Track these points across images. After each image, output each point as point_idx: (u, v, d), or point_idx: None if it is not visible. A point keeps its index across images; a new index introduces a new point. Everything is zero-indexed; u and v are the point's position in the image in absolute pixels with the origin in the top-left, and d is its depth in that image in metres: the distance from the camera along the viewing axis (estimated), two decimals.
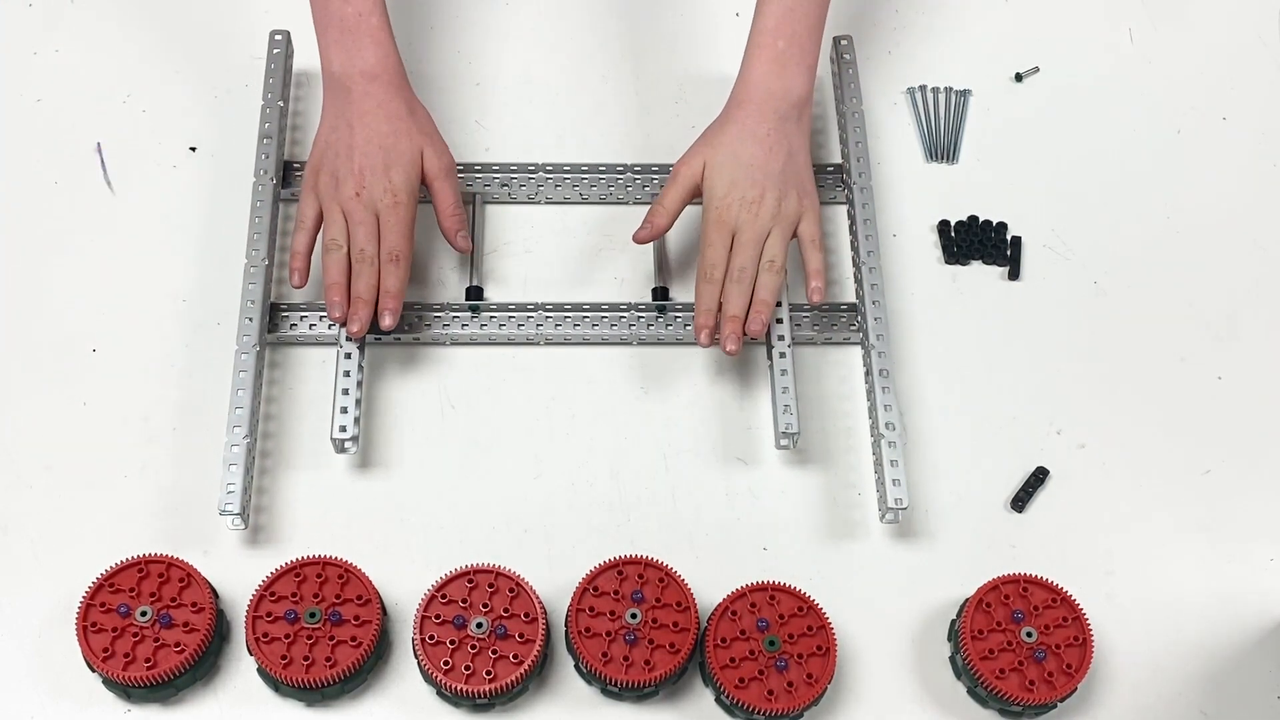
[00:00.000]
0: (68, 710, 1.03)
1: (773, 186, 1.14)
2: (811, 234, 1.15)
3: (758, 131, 1.14)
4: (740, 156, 1.14)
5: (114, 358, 1.16)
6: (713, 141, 1.16)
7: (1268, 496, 1.15)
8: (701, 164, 1.15)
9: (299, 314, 1.17)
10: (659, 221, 1.16)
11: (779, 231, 1.14)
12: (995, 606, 1.05)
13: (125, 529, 1.09)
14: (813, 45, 1.16)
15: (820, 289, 1.14)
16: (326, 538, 1.10)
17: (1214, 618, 1.10)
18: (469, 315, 1.18)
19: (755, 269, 1.13)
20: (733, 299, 1.12)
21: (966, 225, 1.25)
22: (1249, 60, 1.36)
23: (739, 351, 1.12)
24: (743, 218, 1.13)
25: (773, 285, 1.13)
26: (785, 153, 1.15)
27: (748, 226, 1.13)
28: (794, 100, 1.16)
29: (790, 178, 1.15)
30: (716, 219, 1.14)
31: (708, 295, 1.13)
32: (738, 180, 1.14)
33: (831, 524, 1.12)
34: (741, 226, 1.13)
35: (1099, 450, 1.16)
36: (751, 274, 1.13)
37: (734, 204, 1.13)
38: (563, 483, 1.13)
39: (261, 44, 1.27)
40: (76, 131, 1.26)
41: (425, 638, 1.02)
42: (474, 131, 1.29)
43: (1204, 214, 1.27)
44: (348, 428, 1.09)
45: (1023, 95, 1.33)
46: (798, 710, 1.02)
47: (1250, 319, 1.23)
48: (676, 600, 1.04)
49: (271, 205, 1.18)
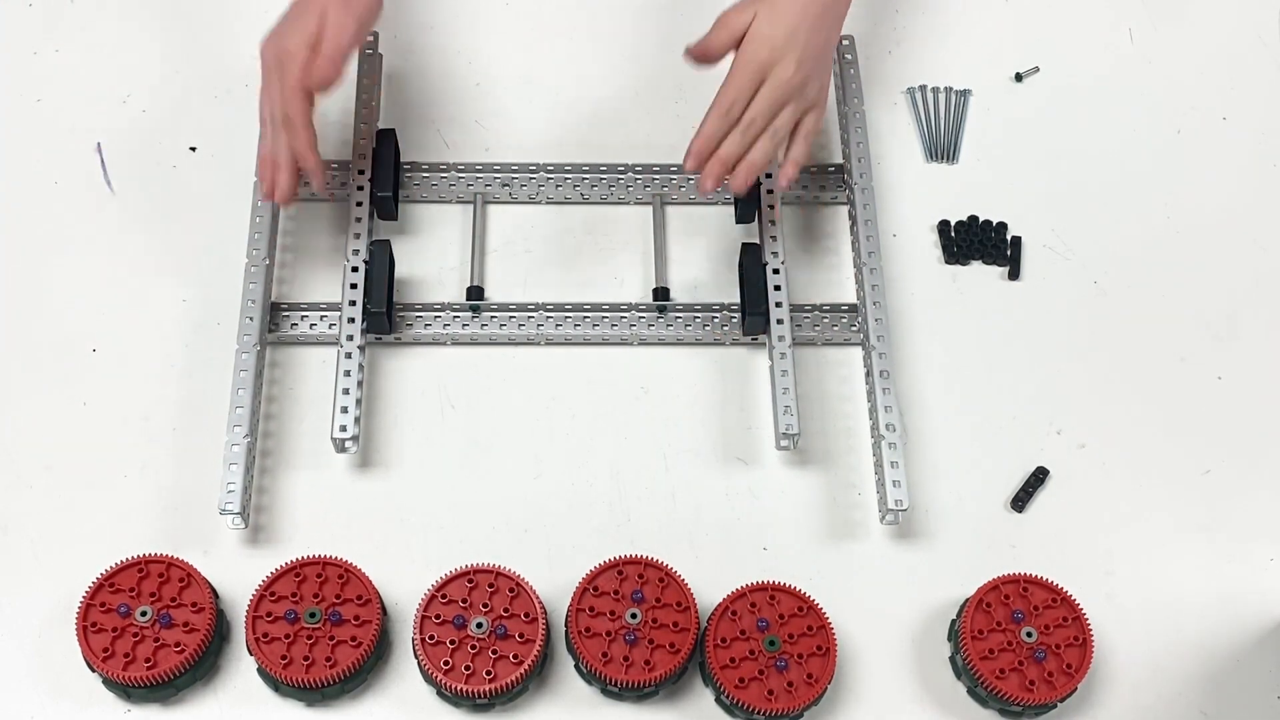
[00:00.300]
0: (68, 710, 1.03)
1: (808, 60, 1.14)
2: (812, 128, 1.17)
3: (809, 8, 1.14)
4: (789, 17, 1.14)
5: (114, 358, 1.16)
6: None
7: (1268, 496, 1.15)
8: (752, 14, 1.15)
9: (299, 314, 1.17)
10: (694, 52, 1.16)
11: (794, 107, 1.15)
12: (995, 606, 1.05)
13: (125, 529, 1.09)
14: None
15: (792, 178, 1.16)
16: (326, 538, 1.10)
17: (1214, 618, 1.10)
18: (469, 315, 1.18)
19: (764, 126, 1.14)
20: (734, 141, 1.13)
21: (966, 225, 1.25)
22: (1249, 60, 1.36)
23: (711, 192, 1.14)
24: (776, 72, 1.13)
25: (768, 151, 1.14)
26: (825, 39, 1.16)
27: (776, 85, 1.13)
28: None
29: (822, 63, 1.16)
30: (753, 59, 1.13)
31: (717, 128, 1.13)
32: (781, 35, 1.13)
33: (831, 524, 1.12)
34: (771, 80, 1.13)
35: (1099, 450, 1.16)
36: (760, 128, 1.13)
37: (774, 55, 1.13)
38: (563, 483, 1.13)
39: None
40: (76, 131, 1.26)
41: (425, 638, 1.02)
42: (474, 131, 1.29)
43: (1204, 214, 1.27)
44: (348, 428, 1.09)
45: (1023, 95, 1.33)
46: (798, 710, 1.02)
47: (1250, 319, 1.23)
48: (676, 600, 1.04)
49: (271, 205, 1.18)
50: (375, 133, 1.22)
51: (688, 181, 1.25)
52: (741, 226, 1.24)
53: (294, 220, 1.23)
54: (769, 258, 1.18)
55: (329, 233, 1.23)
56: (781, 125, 1.14)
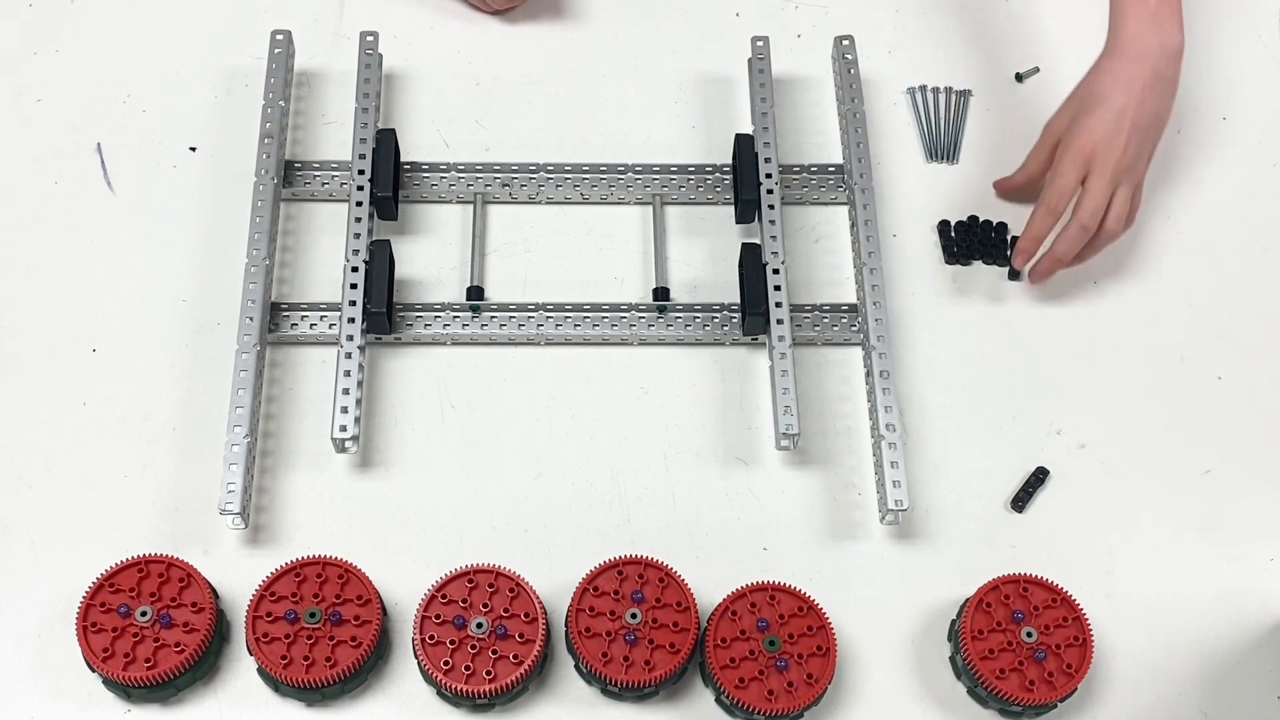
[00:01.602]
0: (68, 710, 1.03)
1: (1136, 140, 1.14)
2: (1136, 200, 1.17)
3: (1132, 85, 1.14)
4: (1112, 104, 1.14)
5: (114, 358, 1.16)
6: (1083, 92, 1.17)
7: (1268, 496, 1.15)
8: (1070, 117, 1.16)
9: (299, 314, 1.17)
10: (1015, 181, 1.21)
11: (1126, 189, 1.15)
12: (995, 606, 1.05)
13: (125, 529, 1.09)
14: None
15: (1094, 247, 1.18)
16: (326, 538, 1.10)
17: (1214, 618, 1.10)
18: (469, 315, 1.18)
19: (1099, 221, 1.15)
20: (1070, 240, 1.15)
21: (966, 225, 1.25)
22: (1249, 60, 1.36)
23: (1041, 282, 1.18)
24: (1102, 157, 1.14)
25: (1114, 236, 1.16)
26: (1154, 113, 1.16)
27: (1104, 169, 1.14)
28: (1171, 54, 1.16)
29: (1149, 141, 1.16)
30: (1076, 149, 1.14)
31: (1044, 224, 1.16)
32: (1105, 121, 1.14)
33: (831, 524, 1.12)
34: (1098, 167, 1.14)
35: (1099, 450, 1.16)
36: (1098, 221, 1.15)
37: (1097, 142, 1.14)
38: (563, 483, 1.13)
39: (262, 44, 1.27)
40: (76, 131, 1.26)
41: (425, 638, 1.02)
42: (474, 131, 1.29)
43: (1204, 214, 1.27)
44: (348, 428, 1.09)
45: (1023, 95, 1.33)
46: (798, 710, 1.02)
47: (1250, 319, 1.23)
48: (676, 600, 1.04)
49: (272, 205, 1.18)
50: (375, 133, 1.22)
51: (688, 181, 1.25)
52: (741, 226, 1.24)
53: (294, 220, 1.23)
54: (769, 258, 1.18)
55: (329, 233, 1.23)
56: (1121, 210, 1.15)
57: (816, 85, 1.32)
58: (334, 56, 1.31)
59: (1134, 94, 1.14)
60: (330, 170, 1.23)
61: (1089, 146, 1.14)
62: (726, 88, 1.30)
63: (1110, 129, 1.14)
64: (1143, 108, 1.15)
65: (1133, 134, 1.14)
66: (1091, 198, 1.15)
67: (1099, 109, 1.14)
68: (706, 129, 1.30)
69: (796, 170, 1.26)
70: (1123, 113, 1.14)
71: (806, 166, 1.26)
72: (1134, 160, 1.15)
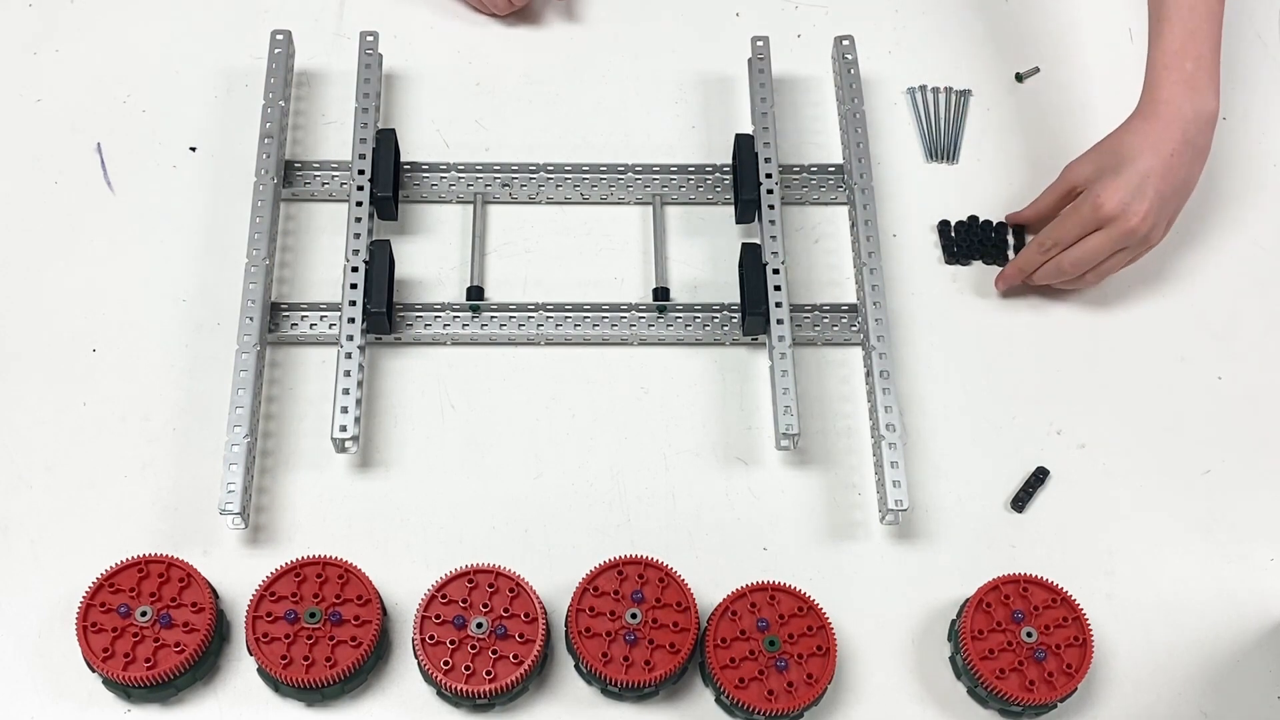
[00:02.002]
0: (68, 710, 1.03)
1: (1156, 209, 1.13)
2: (1129, 263, 1.18)
3: (1161, 148, 1.13)
4: (1138, 166, 1.13)
5: (114, 358, 1.16)
6: (1112, 149, 1.15)
7: (1268, 496, 1.15)
8: (1094, 169, 1.15)
9: (299, 314, 1.17)
10: (1024, 216, 1.23)
11: (1130, 253, 1.16)
12: (995, 606, 1.05)
13: (125, 529, 1.09)
14: (1217, 63, 1.15)
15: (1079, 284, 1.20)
16: (326, 538, 1.10)
17: (1214, 618, 1.10)
18: (469, 315, 1.18)
19: (1088, 271, 1.16)
20: (1043, 273, 1.17)
21: (966, 225, 1.25)
22: (1249, 60, 1.36)
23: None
24: (1119, 224, 1.13)
25: (1082, 285, 1.19)
26: (1181, 179, 1.14)
27: (1115, 234, 1.13)
28: (1204, 120, 1.14)
29: (1170, 209, 1.15)
30: (1093, 207, 1.13)
31: (1031, 262, 1.17)
32: (1128, 184, 1.13)
33: (831, 524, 1.12)
34: (1110, 231, 1.13)
35: (1099, 450, 1.16)
36: (1079, 272, 1.16)
37: (1116, 206, 1.13)
38: (563, 483, 1.13)
39: (262, 44, 1.27)
40: (76, 131, 1.26)
41: (425, 638, 1.02)
42: (474, 131, 1.29)
43: (1204, 214, 1.27)
44: (348, 428, 1.09)
45: (1023, 95, 1.33)
46: (798, 710, 1.02)
47: (1250, 319, 1.23)
48: (676, 600, 1.04)
49: (272, 205, 1.18)
50: (375, 133, 1.22)
51: (688, 181, 1.25)
52: (741, 226, 1.24)
53: (294, 220, 1.23)
54: (769, 258, 1.18)
55: (329, 233, 1.23)
56: (1108, 269, 1.17)
57: (816, 85, 1.32)
58: (334, 56, 1.31)
59: (1161, 157, 1.12)
60: (330, 170, 1.23)
61: (1106, 208, 1.13)
62: (726, 87, 1.30)
63: (1132, 193, 1.12)
64: (1169, 173, 1.13)
65: (1155, 201, 1.13)
66: (1085, 250, 1.14)
67: (1125, 170, 1.13)
68: (706, 129, 1.30)
69: (796, 170, 1.26)
70: (1147, 176, 1.12)
71: (806, 166, 1.26)
72: (1150, 229, 1.14)
